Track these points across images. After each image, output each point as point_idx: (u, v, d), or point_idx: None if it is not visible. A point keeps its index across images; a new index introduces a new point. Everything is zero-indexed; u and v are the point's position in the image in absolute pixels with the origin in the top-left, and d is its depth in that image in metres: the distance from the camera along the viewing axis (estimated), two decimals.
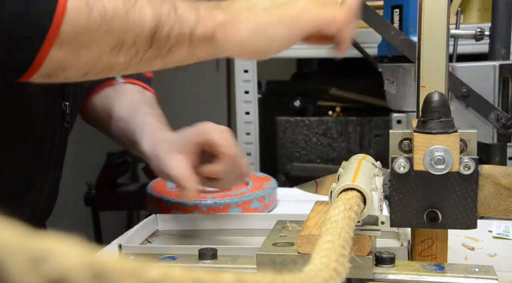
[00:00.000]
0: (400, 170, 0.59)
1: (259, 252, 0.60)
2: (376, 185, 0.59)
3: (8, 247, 0.20)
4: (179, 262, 0.65)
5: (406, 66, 1.10)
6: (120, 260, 0.23)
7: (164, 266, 0.25)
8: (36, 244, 0.21)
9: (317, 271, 0.37)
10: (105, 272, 0.21)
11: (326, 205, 0.68)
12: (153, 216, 0.84)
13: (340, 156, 1.47)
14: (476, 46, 1.18)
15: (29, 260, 0.20)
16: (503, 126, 0.98)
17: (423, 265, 0.59)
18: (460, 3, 1.33)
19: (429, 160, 0.57)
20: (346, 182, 0.56)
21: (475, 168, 0.58)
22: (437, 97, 0.59)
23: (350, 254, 0.42)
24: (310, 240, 0.58)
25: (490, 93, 1.00)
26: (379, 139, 1.46)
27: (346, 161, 0.66)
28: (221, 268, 0.63)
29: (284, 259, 0.59)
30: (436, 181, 0.59)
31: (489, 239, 0.81)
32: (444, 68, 0.64)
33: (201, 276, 0.25)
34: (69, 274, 0.20)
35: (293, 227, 0.68)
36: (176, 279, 0.24)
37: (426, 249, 0.63)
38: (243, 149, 1.54)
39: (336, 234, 0.44)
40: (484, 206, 0.61)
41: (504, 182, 0.61)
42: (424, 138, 0.58)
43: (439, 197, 0.59)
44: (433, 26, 0.63)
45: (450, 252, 0.65)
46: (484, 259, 0.74)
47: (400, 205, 0.60)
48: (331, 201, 0.56)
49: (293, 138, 1.50)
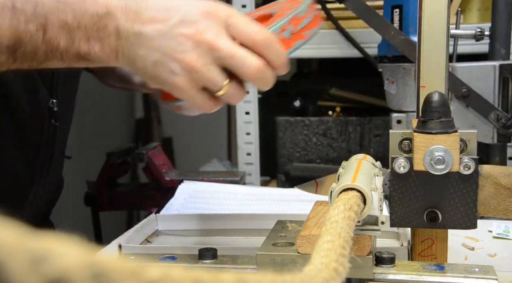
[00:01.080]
0: (400, 170, 0.59)
1: (259, 252, 0.60)
2: (376, 185, 0.59)
3: (8, 247, 0.20)
4: (179, 262, 0.65)
5: (406, 66, 1.10)
6: (120, 260, 0.23)
7: (164, 266, 0.25)
8: (36, 244, 0.21)
9: (317, 271, 0.37)
10: (105, 272, 0.21)
11: (326, 205, 0.68)
12: (153, 216, 0.84)
13: (340, 156, 1.47)
14: (476, 46, 1.18)
15: (29, 260, 0.20)
16: (503, 126, 0.98)
17: (423, 265, 0.59)
18: (460, 3, 1.33)
19: (429, 160, 0.57)
20: (346, 182, 0.56)
21: (475, 168, 0.58)
22: (437, 97, 0.59)
23: (350, 254, 0.42)
24: (310, 240, 0.58)
25: (490, 93, 1.00)
26: (379, 139, 1.45)
27: (346, 161, 0.66)
28: (221, 268, 0.63)
29: (284, 259, 0.59)
30: (436, 181, 0.59)
31: (489, 239, 0.81)
32: (444, 68, 0.64)
33: (201, 276, 0.25)
34: (69, 274, 0.20)
35: (293, 227, 0.68)
36: (176, 279, 0.24)
37: (426, 249, 0.63)
38: (243, 149, 1.54)
39: (336, 234, 0.44)
40: (484, 206, 0.61)
41: (504, 182, 0.61)
42: (424, 138, 0.58)
43: (439, 197, 0.59)
44: (433, 26, 0.63)
45: (450, 252, 0.65)
46: (484, 259, 0.74)
47: (400, 205, 0.60)
48: (331, 201, 0.56)
49: (293, 138, 1.50)
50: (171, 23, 0.59)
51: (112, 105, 2.58)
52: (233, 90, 0.62)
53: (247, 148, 1.54)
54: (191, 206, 1.06)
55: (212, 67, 0.59)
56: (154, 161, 1.26)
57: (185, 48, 0.59)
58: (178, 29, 0.59)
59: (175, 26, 0.59)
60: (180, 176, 1.25)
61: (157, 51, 0.59)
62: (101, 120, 2.28)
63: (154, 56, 0.59)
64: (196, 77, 0.59)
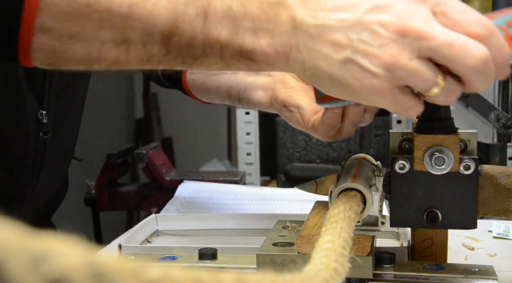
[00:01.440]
0: (400, 170, 0.59)
1: (259, 252, 0.60)
2: (376, 185, 0.59)
3: (8, 247, 0.20)
4: (179, 262, 0.65)
5: None
6: (120, 260, 0.23)
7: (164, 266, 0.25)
8: (36, 244, 0.21)
9: (317, 271, 0.37)
10: (105, 272, 0.21)
11: (326, 205, 0.68)
12: (153, 216, 0.84)
13: (340, 156, 1.47)
14: None
15: (29, 260, 0.20)
16: (503, 126, 0.98)
17: (423, 265, 0.59)
18: None
19: (429, 160, 0.58)
20: (346, 182, 0.56)
21: (475, 168, 0.58)
22: None
23: (350, 254, 0.42)
24: (310, 240, 0.58)
25: (490, 93, 1.00)
26: (379, 139, 1.45)
27: (346, 161, 0.66)
28: (221, 268, 0.63)
29: (284, 259, 0.59)
30: (436, 181, 0.59)
31: (489, 239, 0.81)
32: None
33: (201, 276, 0.25)
34: (69, 274, 0.20)
35: (293, 227, 0.68)
36: (176, 279, 0.24)
37: (426, 249, 0.63)
38: (243, 149, 1.54)
39: (336, 234, 0.44)
40: (484, 206, 0.61)
41: (504, 182, 0.61)
42: (424, 138, 0.58)
43: (439, 197, 0.59)
44: None
45: (450, 252, 0.65)
46: (484, 259, 0.74)
47: (400, 205, 0.60)
48: (331, 201, 0.56)
49: (293, 138, 1.50)
50: (362, 9, 0.47)
51: (112, 105, 2.58)
52: (450, 86, 0.48)
53: (247, 148, 1.54)
54: (191, 206, 1.06)
55: (421, 61, 0.47)
56: (154, 161, 1.26)
57: (383, 40, 0.47)
58: (372, 17, 0.47)
59: (368, 14, 0.47)
60: (180, 176, 1.25)
61: (347, 47, 0.48)
62: (101, 120, 2.28)
63: (342, 53, 0.48)
64: (401, 75, 0.47)
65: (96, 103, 2.06)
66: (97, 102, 2.08)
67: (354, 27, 0.47)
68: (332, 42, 0.48)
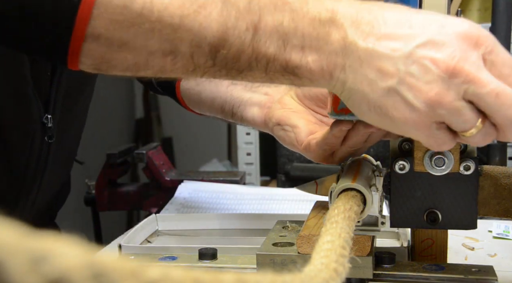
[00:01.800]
0: (400, 171, 0.59)
1: (259, 252, 0.60)
2: (376, 185, 0.59)
3: (8, 247, 0.20)
4: (179, 262, 0.65)
5: None
6: (120, 260, 0.23)
7: (164, 266, 0.25)
8: (36, 244, 0.21)
9: (317, 272, 0.37)
10: (105, 272, 0.21)
11: (326, 205, 0.68)
12: (153, 216, 0.84)
13: None
14: None
15: (29, 260, 0.20)
16: None
17: (423, 265, 0.59)
18: (460, 3, 1.33)
19: (429, 161, 0.58)
20: (346, 182, 0.56)
21: (475, 168, 0.58)
22: None
23: (350, 254, 0.42)
24: (310, 240, 0.58)
25: None
26: None
27: (346, 161, 0.66)
28: (221, 268, 0.63)
29: (284, 259, 0.59)
30: (436, 181, 0.59)
31: (489, 239, 0.81)
32: None
33: (201, 276, 0.25)
34: (69, 274, 0.20)
35: (293, 227, 0.68)
36: (176, 279, 0.24)
37: (426, 249, 0.63)
38: (243, 149, 1.54)
39: (336, 234, 0.44)
40: (484, 206, 0.62)
41: (504, 182, 0.61)
42: None
43: (439, 198, 0.59)
44: None
45: (450, 252, 0.65)
46: (484, 259, 0.74)
47: (400, 206, 0.60)
48: (331, 201, 0.56)
49: None
50: (415, 42, 0.47)
51: (112, 105, 2.58)
52: (488, 130, 0.49)
53: (247, 148, 1.54)
54: (191, 206, 1.06)
55: (463, 104, 0.47)
56: (154, 161, 1.26)
57: (431, 77, 0.46)
58: (424, 52, 0.47)
59: (420, 47, 0.47)
60: (180, 176, 1.25)
61: (393, 77, 0.48)
62: (101, 120, 2.28)
63: (388, 82, 0.48)
64: (442, 113, 0.47)
65: (96, 103, 2.06)
66: (97, 102, 2.07)
67: (404, 58, 0.47)
68: (380, 69, 0.48)
